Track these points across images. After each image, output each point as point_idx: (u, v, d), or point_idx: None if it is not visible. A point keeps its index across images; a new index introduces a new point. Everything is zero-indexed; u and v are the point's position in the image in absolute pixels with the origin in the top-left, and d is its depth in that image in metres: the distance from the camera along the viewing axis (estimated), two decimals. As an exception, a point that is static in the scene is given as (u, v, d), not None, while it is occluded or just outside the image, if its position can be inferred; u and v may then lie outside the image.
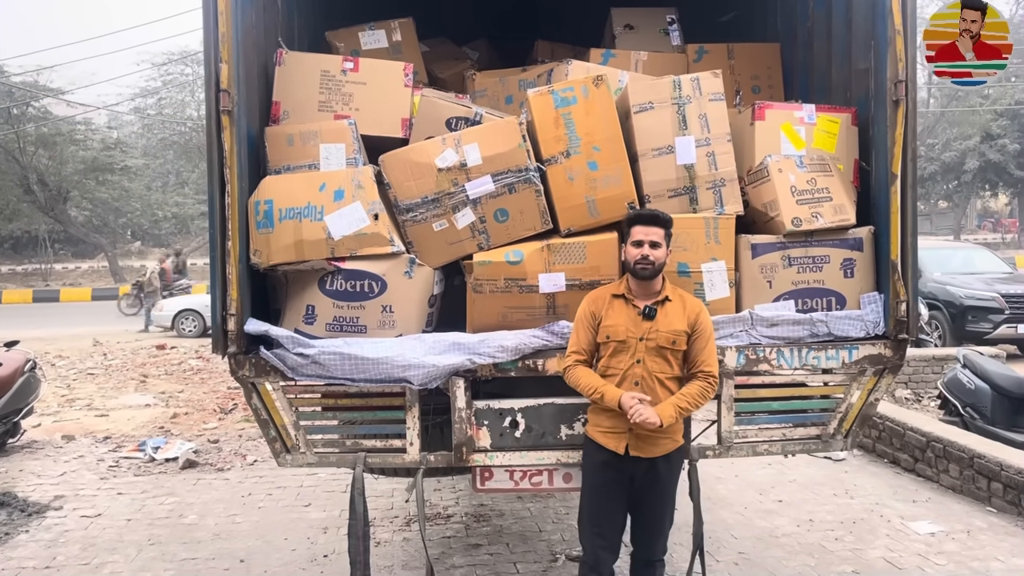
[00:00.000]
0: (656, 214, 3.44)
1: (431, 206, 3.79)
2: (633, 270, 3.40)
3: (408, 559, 4.85)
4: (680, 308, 3.41)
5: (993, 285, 12.13)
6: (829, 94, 4.30)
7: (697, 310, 3.43)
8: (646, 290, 3.43)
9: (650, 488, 3.44)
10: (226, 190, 3.57)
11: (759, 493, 5.93)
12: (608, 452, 3.41)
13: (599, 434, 3.46)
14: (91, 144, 32.34)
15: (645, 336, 3.37)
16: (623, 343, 3.38)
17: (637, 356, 3.37)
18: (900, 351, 3.73)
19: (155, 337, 15.88)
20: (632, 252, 3.39)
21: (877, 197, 3.81)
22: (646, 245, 3.36)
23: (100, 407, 9.57)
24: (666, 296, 3.43)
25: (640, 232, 3.39)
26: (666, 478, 3.46)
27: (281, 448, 3.82)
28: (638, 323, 3.38)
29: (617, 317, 3.41)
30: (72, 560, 4.93)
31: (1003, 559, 4.63)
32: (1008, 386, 6.71)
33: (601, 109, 3.76)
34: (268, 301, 4.08)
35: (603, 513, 3.47)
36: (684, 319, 3.39)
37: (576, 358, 3.46)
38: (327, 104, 4.14)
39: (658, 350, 3.36)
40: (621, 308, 3.43)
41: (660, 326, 3.37)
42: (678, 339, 3.37)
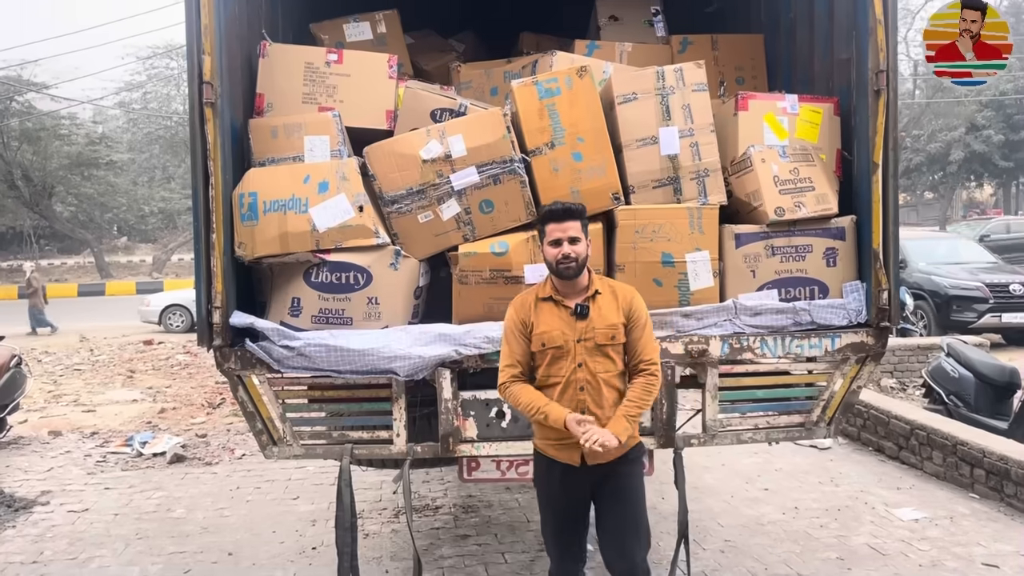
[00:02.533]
0: (568, 207, 3.18)
1: (416, 197, 3.80)
2: (556, 271, 3.15)
3: (396, 550, 4.86)
4: (612, 300, 3.19)
5: (978, 275, 12.24)
6: (812, 84, 4.33)
7: (630, 297, 3.21)
8: (574, 288, 3.19)
9: (615, 494, 3.19)
10: (210, 182, 3.57)
11: (745, 481, 5.97)
12: (562, 466, 3.18)
13: (550, 447, 3.21)
14: (76, 139, 32.09)
15: (582, 337, 3.13)
16: (560, 348, 3.13)
17: (577, 359, 3.12)
18: (882, 339, 3.77)
19: (143, 333, 15.80)
20: (551, 252, 3.14)
21: (859, 187, 3.84)
22: (564, 242, 3.10)
23: (87, 403, 9.53)
24: (596, 290, 3.19)
25: (555, 230, 3.13)
26: (627, 477, 3.21)
27: (268, 440, 3.83)
28: (572, 324, 3.14)
29: (549, 321, 3.16)
30: (59, 555, 4.92)
31: (985, 544, 4.68)
32: (991, 374, 6.77)
33: (585, 100, 3.78)
34: (254, 294, 4.08)
35: (565, 529, 3.26)
36: (618, 310, 3.16)
37: (512, 372, 3.19)
38: (311, 96, 4.14)
39: (598, 349, 3.13)
40: (551, 311, 3.17)
41: (595, 323, 3.14)
42: (616, 333, 3.15)
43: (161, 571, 4.65)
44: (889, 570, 4.41)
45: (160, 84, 36.87)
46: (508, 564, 4.62)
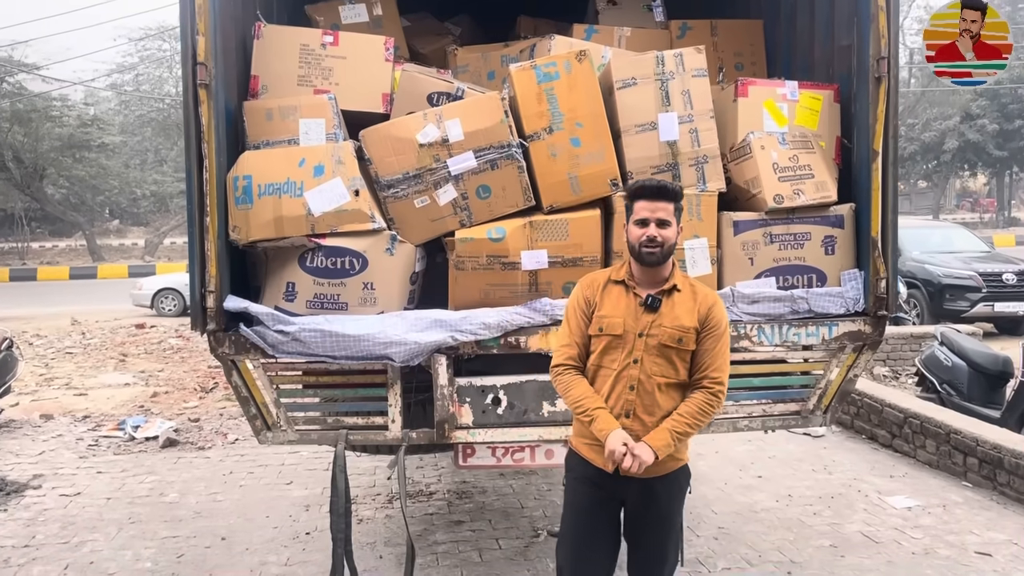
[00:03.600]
0: (664, 185, 2.85)
1: (412, 182, 3.76)
2: (639, 255, 2.81)
3: (390, 536, 4.86)
4: (690, 300, 2.85)
5: (971, 264, 12.26)
6: (812, 71, 4.30)
7: (710, 303, 2.86)
8: (652, 277, 2.86)
9: (647, 516, 2.87)
10: (204, 165, 3.53)
11: (739, 469, 5.99)
12: (594, 469, 2.87)
13: (584, 447, 2.91)
14: (67, 121, 31.82)
15: (645, 332, 2.80)
16: (619, 338, 2.82)
17: (634, 355, 2.80)
18: (879, 328, 3.76)
19: (135, 316, 15.73)
20: (635, 233, 2.81)
21: (858, 174, 3.82)
22: (652, 224, 2.78)
23: (79, 386, 9.49)
24: (674, 285, 2.86)
25: (645, 208, 2.80)
26: (666, 504, 2.87)
27: (262, 425, 3.81)
28: (638, 315, 2.82)
29: (614, 306, 2.85)
30: (51, 538, 4.90)
31: (978, 532, 4.70)
32: (984, 363, 6.79)
33: (584, 85, 3.74)
34: (248, 278, 4.04)
35: (586, 541, 2.91)
36: (694, 313, 2.82)
37: (568, 354, 2.91)
38: (306, 79, 4.09)
39: (660, 349, 2.79)
40: (620, 296, 2.87)
41: (665, 320, 2.80)
42: (685, 337, 2.80)
43: (154, 555, 4.64)
44: (882, 558, 4.42)
45: (152, 66, 36.61)
46: (502, 550, 4.62)
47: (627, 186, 2.92)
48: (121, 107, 39.46)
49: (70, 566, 4.51)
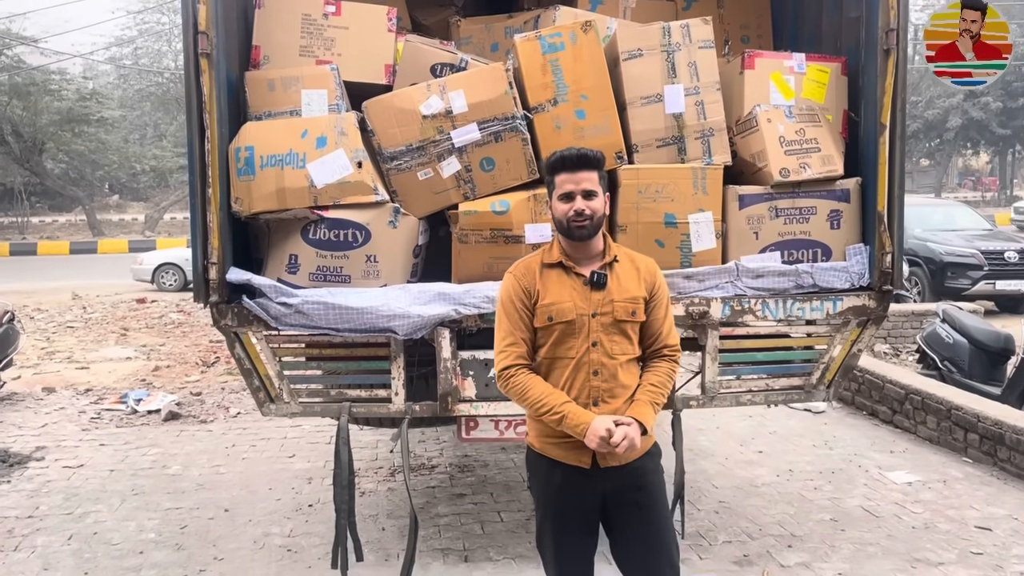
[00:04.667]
0: (585, 153, 2.63)
1: (416, 154, 3.74)
2: (568, 230, 2.61)
3: (393, 508, 4.88)
4: (632, 270, 2.70)
5: (973, 242, 12.22)
6: (819, 43, 4.26)
7: (654, 270, 2.73)
8: (587, 252, 2.67)
9: (637, 506, 2.65)
10: (205, 136, 3.50)
11: (740, 444, 6.00)
12: (567, 468, 2.63)
13: (552, 446, 2.66)
14: (66, 95, 31.63)
15: (598, 311, 2.61)
16: (572, 324, 2.61)
17: (592, 337, 2.60)
18: (884, 302, 3.75)
19: (136, 291, 15.73)
20: (560, 208, 2.61)
21: (865, 148, 3.79)
22: (578, 196, 2.59)
23: (81, 360, 9.50)
24: (614, 256, 2.68)
25: (567, 181, 2.60)
26: (652, 485, 2.68)
27: (265, 398, 3.81)
28: (586, 295, 2.62)
29: (558, 291, 2.63)
30: (55, 510, 4.92)
31: (978, 507, 4.72)
32: (986, 340, 6.79)
33: (589, 56, 3.70)
34: (250, 250, 4.03)
35: (570, 548, 2.70)
36: (640, 282, 2.68)
37: (516, 353, 2.64)
38: (308, 49, 4.05)
39: (616, 325, 2.63)
40: (560, 279, 2.65)
41: (614, 295, 2.63)
42: (637, 308, 2.65)
43: (157, 526, 4.66)
44: (882, 532, 4.44)
45: (151, 39, 36.33)
46: (504, 523, 4.64)
47: (545, 160, 2.66)
48: (120, 81, 39.22)
49: (74, 536, 4.53)
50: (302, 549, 4.34)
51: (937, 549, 4.21)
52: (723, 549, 4.27)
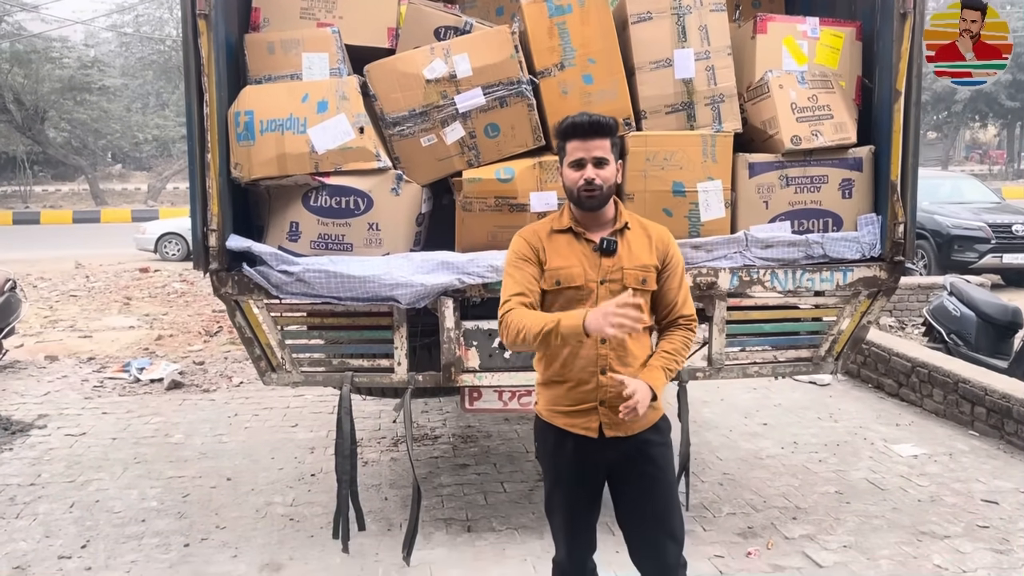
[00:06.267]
0: (598, 120, 2.55)
1: (419, 120, 3.66)
2: (577, 199, 2.57)
3: (395, 478, 4.86)
4: (644, 238, 2.64)
5: (980, 215, 12.11)
6: (833, 7, 4.16)
7: (667, 239, 2.67)
8: (598, 220, 2.61)
9: (644, 479, 2.64)
10: (204, 100, 3.44)
11: (744, 416, 5.97)
12: (575, 438, 2.62)
13: (558, 416, 2.64)
14: (67, 62, 31.35)
15: (607, 277, 2.56)
16: (580, 289, 2.56)
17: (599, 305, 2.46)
18: (895, 273, 3.69)
19: (139, 260, 15.69)
20: (571, 176, 2.55)
21: (879, 115, 3.71)
22: (589, 165, 2.52)
23: (83, 328, 9.48)
24: (625, 223, 2.63)
25: (578, 148, 2.54)
26: (660, 457, 2.65)
27: (266, 367, 3.77)
28: (595, 261, 2.57)
29: (566, 256, 2.58)
30: (57, 477, 4.92)
31: (984, 481, 4.69)
32: (994, 314, 6.74)
33: (597, 18, 3.61)
34: (251, 217, 3.97)
35: (578, 515, 2.71)
36: (651, 251, 2.62)
37: (519, 301, 2.54)
38: (309, 11, 3.95)
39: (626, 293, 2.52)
40: (570, 245, 2.60)
41: (624, 262, 2.57)
42: (648, 276, 2.59)
43: (160, 495, 4.65)
44: (888, 504, 4.41)
45: (153, 6, 35.86)
46: (507, 493, 4.63)
47: (556, 125, 2.64)
48: (122, 49, 38.83)
49: (76, 504, 4.52)
50: (304, 518, 4.33)
51: (943, 522, 4.19)
52: (727, 521, 4.25)
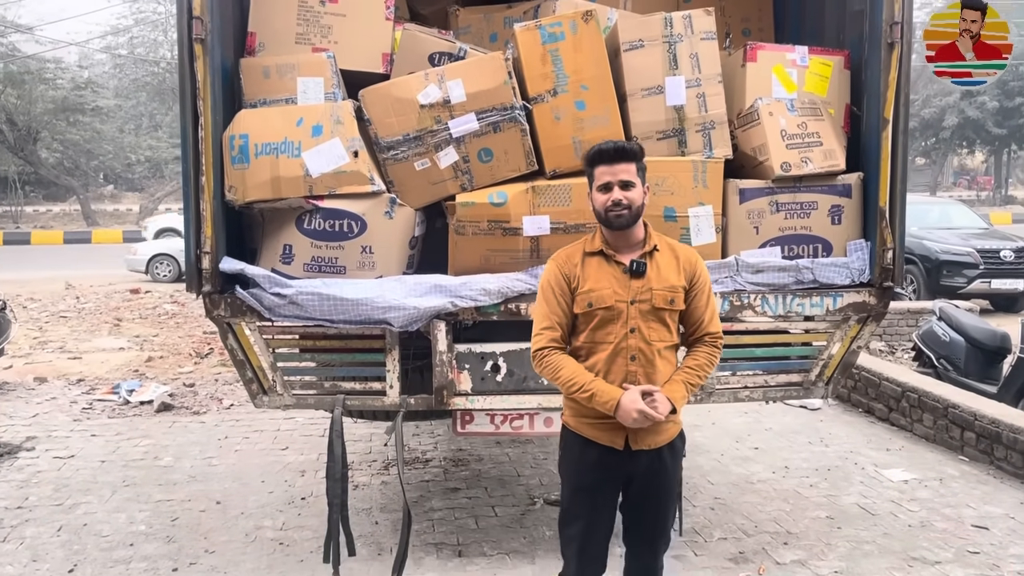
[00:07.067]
0: (623, 146, 2.78)
1: (413, 144, 3.69)
2: (606, 220, 2.75)
3: (386, 502, 4.84)
4: (672, 259, 2.80)
5: (969, 240, 12.22)
6: (821, 36, 4.22)
7: (694, 260, 2.84)
8: (628, 241, 2.78)
9: (653, 485, 2.83)
10: (199, 123, 3.46)
11: (735, 440, 5.98)
12: (600, 448, 2.78)
13: (587, 426, 2.80)
14: (61, 83, 31.42)
15: (636, 298, 2.73)
16: (611, 310, 2.73)
17: (630, 324, 2.72)
18: (884, 299, 3.72)
19: (130, 281, 15.64)
20: (599, 199, 2.74)
21: (867, 143, 3.76)
22: (615, 187, 2.71)
23: (73, 350, 9.44)
24: (654, 245, 2.80)
25: (605, 172, 2.73)
26: (672, 469, 2.86)
27: (258, 389, 3.76)
28: (625, 283, 2.74)
29: (598, 279, 2.76)
30: (45, 500, 4.87)
31: (975, 506, 4.70)
32: (982, 339, 6.79)
33: (590, 46, 3.65)
34: (244, 240, 3.97)
35: (595, 526, 2.85)
36: (679, 272, 2.79)
37: (550, 337, 2.78)
38: (305, 36, 3.99)
39: (654, 313, 2.74)
40: (600, 267, 2.78)
41: (653, 283, 2.74)
42: (676, 297, 2.76)
43: (148, 518, 4.61)
44: (878, 530, 4.42)
45: (147, 29, 36.10)
46: (498, 517, 4.61)
47: (584, 153, 2.85)
48: (115, 70, 38.96)
49: (63, 528, 4.48)
50: (294, 542, 4.30)
51: (934, 548, 4.19)
52: (719, 546, 4.24)
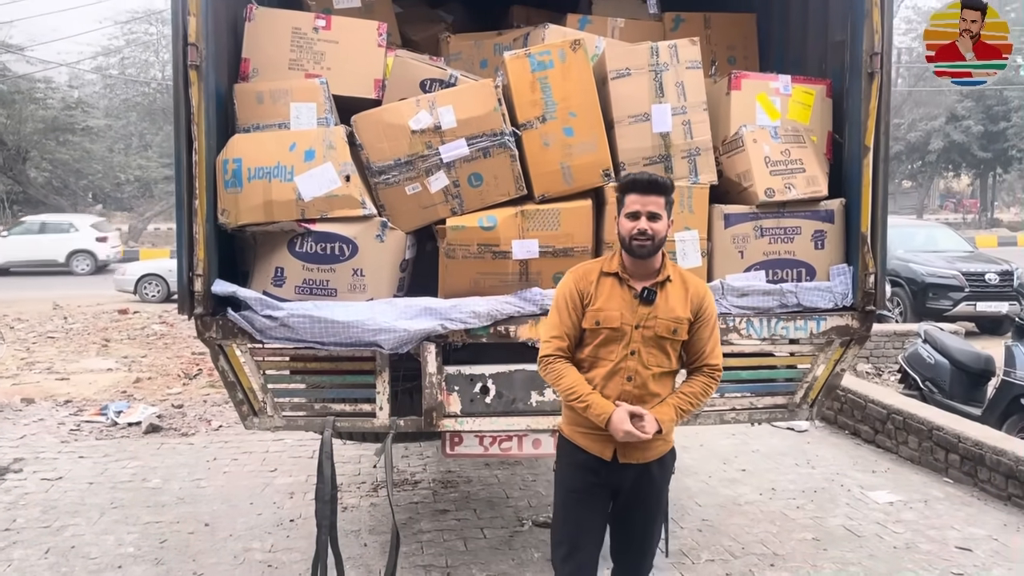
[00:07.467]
0: (655, 179, 2.88)
1: (404, 169, 3.74)
2: (629, 247, 2.86)
3: (375, 524, 4.85)
4: (682, 291, 2.91)
5: (954, 263, 12.36)
6: (804, 66, 4.30)
7: (702, 294, 2.95)
8: (644, 269, 2.90)
9: (640, 498, 2.96)
10: (193, 147, 3.50)
11: (723, 462, 6.01)
12: (589, 456, 2.92)
13: (579, 435, 2.95)
14: (51, 103, 31.43)
15: (642, 324, 2.86)
16: (616, 331, 2.86)
17: (631, 347, 2.86)
18: (867, 323, 3.78)
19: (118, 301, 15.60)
20: (626, 225, 2.85)
21: (849, 170, 3.83)
22: (643, 217, 2.82)
23: (61, 371, 9.40)
24: (667, 277, 2.91)
25: (636, 202, 2.84)
26: (659, 484, 3.00)
27: (248, 411, 3.78)
28: (634, 308, 2.86)
29: (609, 300, 2.88)
30: (32, 522, 4.86)
31: (959, 528, 4.75)
32: (967, 361, 6.87)
33: (578, 74, 3.73)
34: (236, 263, 4.01)
35: (581, 524, 2.96)
36: (686, 304, 2.90)
37: (558, 345, 2.92)
38: (298, 62, 4.05)
39: (656, 340, 2.87)
40: (613, 289, 2.90)
41: (659, 312, 2.87)
42: (679, 327, 2.88)
43: (137, 540, 4.61)
44: (864, 551, 4.46)
45: (138, 50, 36.21)
46: (487, 539, 4.62)
47: (619, 179, 2.97)
48: (106, 91, 39.02)
49: (51, 550, 4.47)
50: (283, 565, 4.30)
51: (918, 569, 4.23)
52: (706, 568, 4.27)
